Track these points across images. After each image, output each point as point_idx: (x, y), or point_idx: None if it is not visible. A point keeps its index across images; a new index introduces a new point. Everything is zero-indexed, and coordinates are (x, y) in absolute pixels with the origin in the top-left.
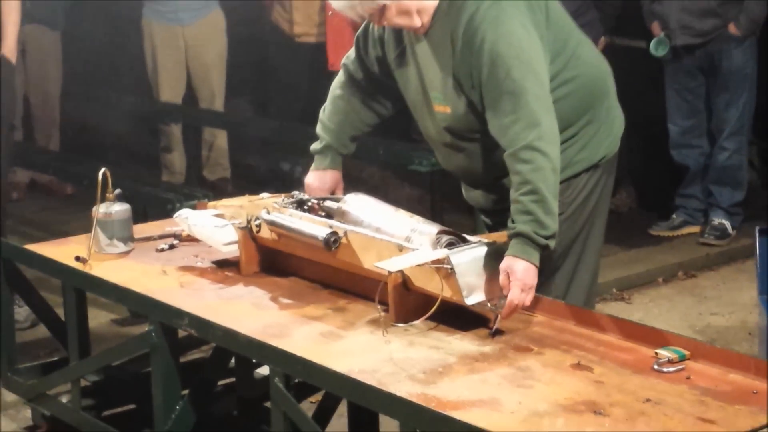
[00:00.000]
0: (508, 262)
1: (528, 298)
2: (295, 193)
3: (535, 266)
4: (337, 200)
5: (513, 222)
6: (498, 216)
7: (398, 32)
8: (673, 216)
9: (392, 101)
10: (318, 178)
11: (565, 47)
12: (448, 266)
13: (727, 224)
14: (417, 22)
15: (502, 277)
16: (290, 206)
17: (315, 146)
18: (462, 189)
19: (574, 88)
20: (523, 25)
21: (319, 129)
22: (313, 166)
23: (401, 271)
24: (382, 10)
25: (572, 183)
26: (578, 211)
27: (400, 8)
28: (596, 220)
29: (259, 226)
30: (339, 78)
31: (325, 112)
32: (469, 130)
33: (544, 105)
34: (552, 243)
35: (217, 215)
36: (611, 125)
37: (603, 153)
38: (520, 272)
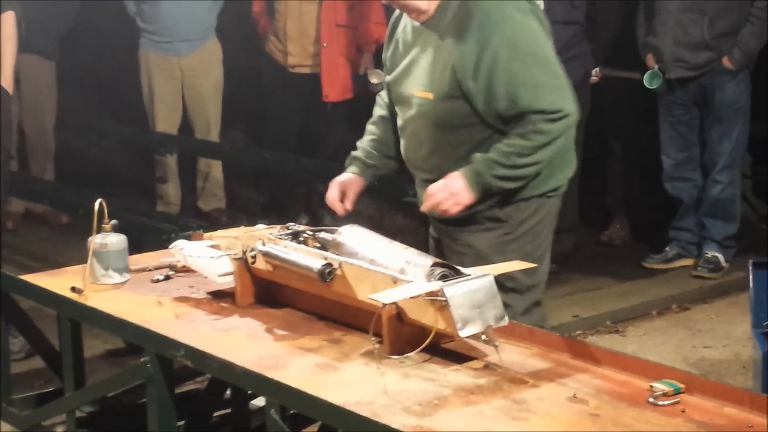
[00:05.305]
0: (452, 179)
1: (452, 207)
2: (291, 224)
3: (470, 193)
4: (332, 232)
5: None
6: (447, 225)
7: (393, 27)
8: (667, 249)
9: None
10: (335, 181)
11: None
12: (443, 298)
13: (721, 257)
14: (423, 5)
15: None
16: (285, 237)
17: (346, 162)
18: (418, 193)
19: None
20: (534, 23)
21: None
22: None
23: (396, 303)
24: None
25: (521, 206)
26: (527, 236)
27: None
28: (542, 247)
29: (254, 257)
30: (374, 109)
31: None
32: (443, 118)
33: (560, 90)
34: (493, 182)
35: (213, 246)
36: (567, 163)
37: (553, 185)
38: (455, 185)
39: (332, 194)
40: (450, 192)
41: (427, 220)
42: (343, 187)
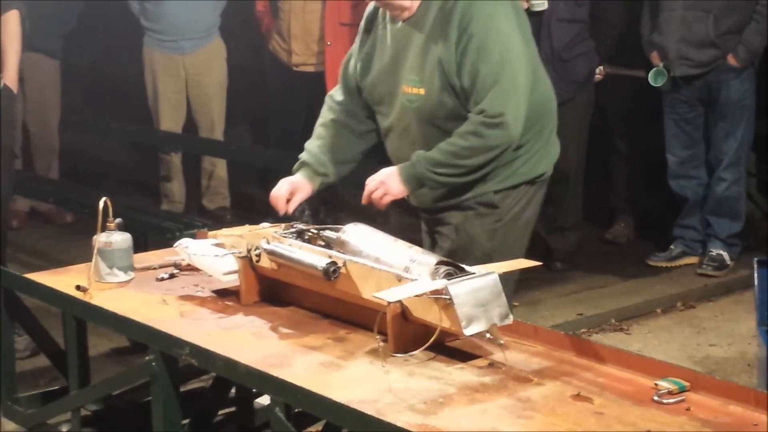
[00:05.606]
0: (388, 170)
1: (382, 198)
2: (295, 223)
3: (402, 186)
4: (337, 230)
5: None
6: (435, 215)
7: (367, 27)
8: (672, 247)
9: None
10: (287, 179)
11: (536, 61)
12: (447, 297)
13: (725, 255)
14: (407, 3)
15: (373, 176)
16: (290, 236)
17: (294, 167)
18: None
19: (533, 99)
20: (511, 26)
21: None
22: None
23: (400, 302)
24: None
25: (512, 193)
26: (514, 221)
27: None
28: (525, 233)
29: (258, 255)
30: (322, 110)
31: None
32: (434, 113)
33: (511, 98)
34: (428, 179)
35: (217, 244)
36: (550, 148)
37: (541, 171)
38: (388, 178)
39: (280, 191)
40: (380, 182)
41: None
42: (293, 189)
